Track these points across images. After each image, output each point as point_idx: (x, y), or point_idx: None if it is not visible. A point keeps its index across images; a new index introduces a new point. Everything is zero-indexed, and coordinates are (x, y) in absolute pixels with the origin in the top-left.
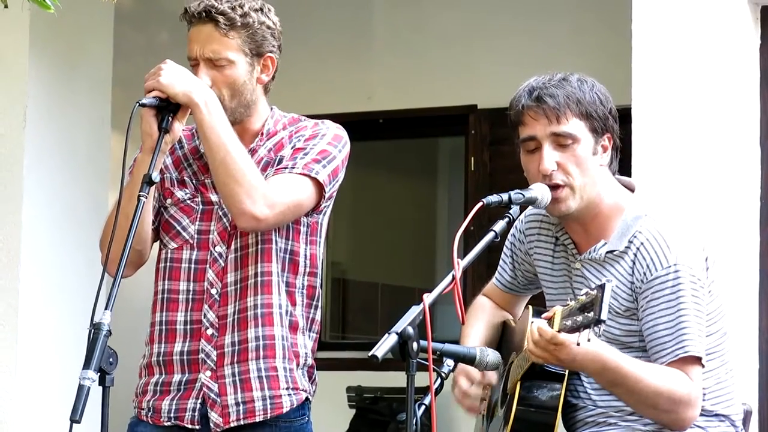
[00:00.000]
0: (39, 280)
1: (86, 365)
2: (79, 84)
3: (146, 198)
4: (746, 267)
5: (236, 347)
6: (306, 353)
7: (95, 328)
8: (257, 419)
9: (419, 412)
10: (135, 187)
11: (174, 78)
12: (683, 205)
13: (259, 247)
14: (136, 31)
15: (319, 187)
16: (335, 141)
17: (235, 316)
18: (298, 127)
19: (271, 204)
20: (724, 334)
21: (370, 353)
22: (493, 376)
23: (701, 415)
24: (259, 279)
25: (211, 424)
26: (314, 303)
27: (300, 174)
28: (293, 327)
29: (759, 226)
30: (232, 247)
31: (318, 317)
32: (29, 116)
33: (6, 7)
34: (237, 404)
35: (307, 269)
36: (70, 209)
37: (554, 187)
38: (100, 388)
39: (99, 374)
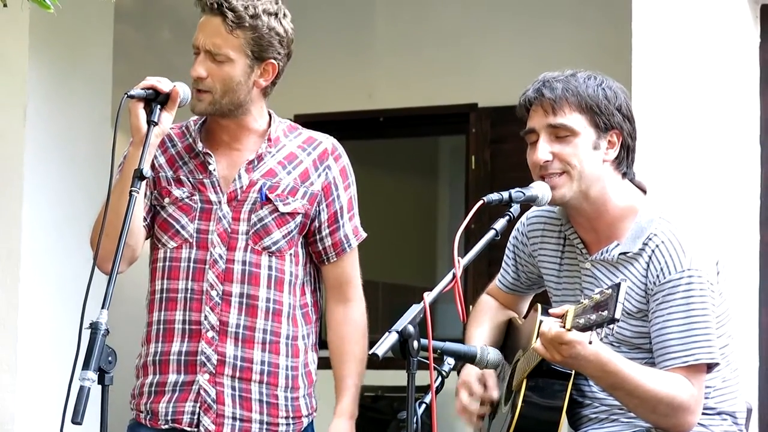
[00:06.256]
0: (39, 278)
1: (85, 365)
2: (80, 83)
3: (138, 193)
4: (746, 266)
5: (239, 363)
6: (314, 370)
7: (93, 327)
8: None
9: (420, 411)
10: (125, 182)
11: None
12: (683, 202)
13: (273, 274)
14: (137, 30)
15: None
16: (353, 177)
17: (240, 330)
18: (320, 154)
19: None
20: (730, 336)
21: (370, 351)
22: (494, 393)
23: (704, 413)
24: (271, 306)
25: (202, 429)
26: (319, 317)
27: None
28: (307, 349)
29: (759, 225)
30: (239, 257)
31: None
32: (29, 115)
33: (5, 6)
34: (234, 418)
35: (315, 286)
36: (71, 208)
37: (550, 176)
38: (99, 387)
39: (98, 374)
